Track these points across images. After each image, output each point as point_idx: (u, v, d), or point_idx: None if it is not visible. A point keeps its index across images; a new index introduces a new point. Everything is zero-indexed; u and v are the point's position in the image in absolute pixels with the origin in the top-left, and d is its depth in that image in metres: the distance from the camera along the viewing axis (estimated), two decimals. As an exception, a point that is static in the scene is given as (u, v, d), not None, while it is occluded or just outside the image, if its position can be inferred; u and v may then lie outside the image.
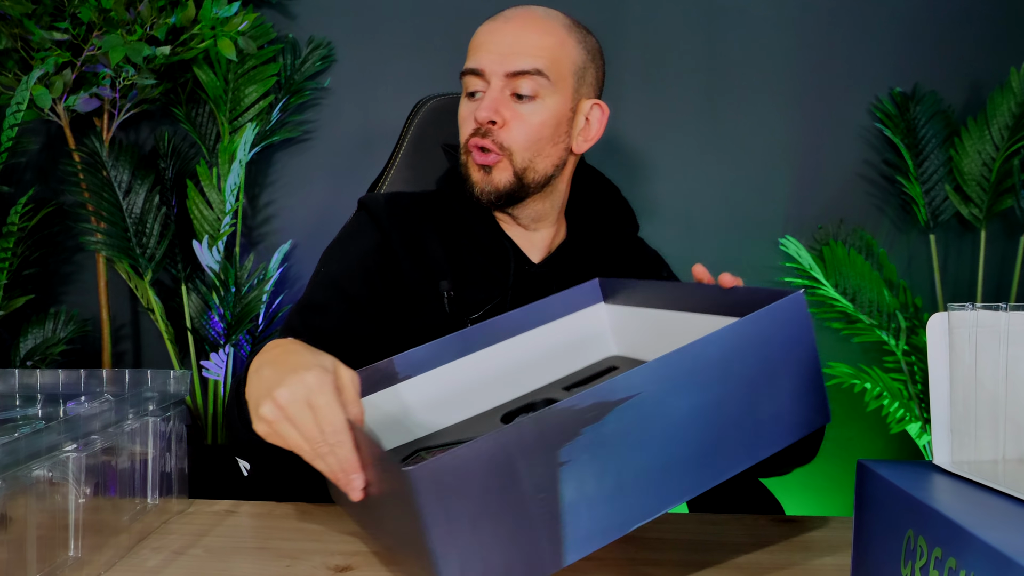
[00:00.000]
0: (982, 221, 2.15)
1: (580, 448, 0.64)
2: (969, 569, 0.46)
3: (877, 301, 2.12)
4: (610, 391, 0.65)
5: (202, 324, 2.17)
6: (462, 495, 0.61)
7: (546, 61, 1.08)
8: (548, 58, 1.08)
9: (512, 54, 1.07)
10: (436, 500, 0.60)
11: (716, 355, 0.69)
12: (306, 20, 2.27)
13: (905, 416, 2.10)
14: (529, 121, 1.08)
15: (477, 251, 1.13)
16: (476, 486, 0.61)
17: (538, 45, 1.08)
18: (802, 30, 2.23)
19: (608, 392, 0.65)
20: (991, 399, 0.61)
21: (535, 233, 1.16)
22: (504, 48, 1.07)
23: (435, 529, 0.60)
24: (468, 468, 0.61)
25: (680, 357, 0.68)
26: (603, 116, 1.16)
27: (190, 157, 2.28)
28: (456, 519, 0.61)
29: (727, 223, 2.26)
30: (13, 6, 1.93)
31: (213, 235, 2.12)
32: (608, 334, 1.05)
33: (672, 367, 0.67)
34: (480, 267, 1.13)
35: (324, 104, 2.28)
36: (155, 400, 0.91)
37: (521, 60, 1.07)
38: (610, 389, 0.65)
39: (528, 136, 1.08)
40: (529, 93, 1.07)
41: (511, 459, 0.62)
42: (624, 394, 0.66)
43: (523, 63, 1.06)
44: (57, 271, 2.32)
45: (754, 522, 0.94)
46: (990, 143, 2.12)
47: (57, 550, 0.73)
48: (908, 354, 2.14)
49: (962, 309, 0.62)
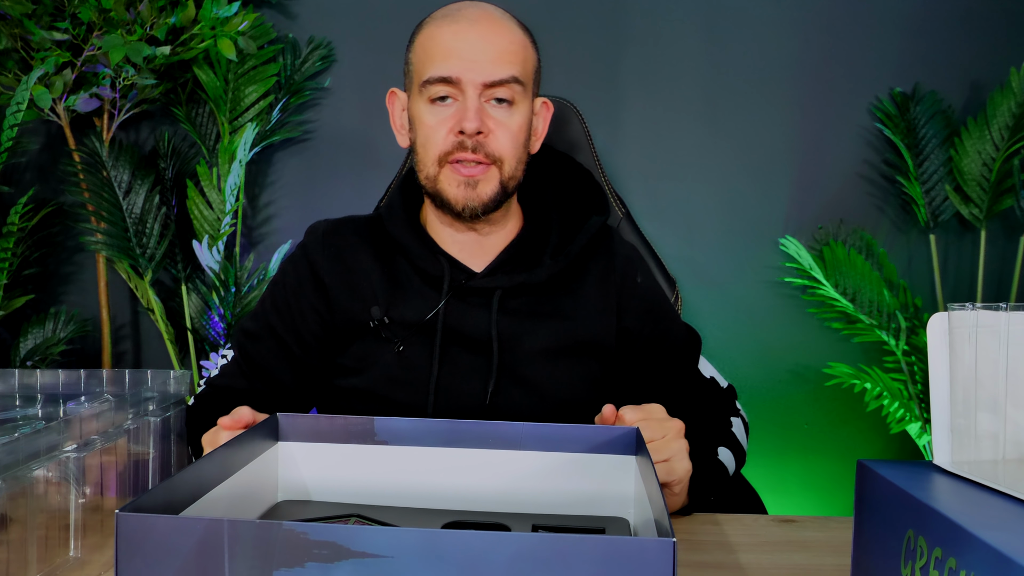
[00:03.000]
0: (982, 221, 2.15)
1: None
2: (969, 569, 0.46)
3: (877, 301, 2.12)
4: (350, 537, 0.53)
5: (202, 324, 2.17)
6: (157, 561, 0.54)
7: (519, 67, 1.06)
8: (520, 63, 1.06)
9: (489, 62, 1.04)
10: (132, 553, 0.55)
11: (508, 555, 0.53)
12: (306, 20, 2.27)
13: (905, 416, 2.10)
14: (511, 127, 1.06)
15: (414, 271, 1.11)
16: (177, 558, 0.54)
17: (510, 51, 1.06)
18: (802, 30, 2.23)
19: (348, 537, 0.53)
20: (991, 399, 0.61)
21: (487, 237, 1.13)
22: (479, 55, 1.04)
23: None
24: (176, 537, 0.54)
25: (461, 540, 0.53)
26: (548, 113, 1.15)
27: (190, 157, 2.28)
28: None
29: (727, 223, 2.26)
30: (13, 6, 1.93)
31: (213, 235, 2.12)
32: (630, 491, 0.86)
33: (444, 547, 0.53)
34: (416, 288, 1.10)
35: (324, 104, 2.28)
36: (155, 400, 0.91)
37: (500, 69, 1.04)
38: (352, 536, 0.53)
39: (513, 142, 1.06)
40: (508, 98, 1.05)
41: (221, 549, 0.54)
42: (367, 548, 0.53)
43: (502, 72, 1.04)
44: (57, 271, 2.32)
45: (754, 522, 0.94)
46: (990, 143, 2.12)
47: (57, 550, 0.73)
48: (908, 354, 2.14)
49: (962, 309, 0.61)
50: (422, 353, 1.08)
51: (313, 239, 1.16)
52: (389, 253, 1.13)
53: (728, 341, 2.26)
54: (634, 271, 1.16)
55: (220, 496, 0.71)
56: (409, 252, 1.11)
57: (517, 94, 1.06)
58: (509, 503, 0.85)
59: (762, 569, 0.79)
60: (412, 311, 1.09)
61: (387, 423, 0.85)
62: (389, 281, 1.11)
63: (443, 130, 1.05)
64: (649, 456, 0.72)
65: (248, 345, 1.14)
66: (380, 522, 0.80)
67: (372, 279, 1.11)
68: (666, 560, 0.52)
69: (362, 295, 1.10)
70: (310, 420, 0.86)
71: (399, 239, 1.11)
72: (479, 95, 1.04)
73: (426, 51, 1.07)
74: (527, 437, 0.84)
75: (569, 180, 1.22)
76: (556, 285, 1.12)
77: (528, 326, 1.10)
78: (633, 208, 1.47)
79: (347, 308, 1.10)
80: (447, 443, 0.85)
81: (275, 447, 0.85)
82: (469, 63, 1.03)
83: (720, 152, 2.26)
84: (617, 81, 2.25)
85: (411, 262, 1.11)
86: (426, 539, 0.53)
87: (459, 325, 1.08)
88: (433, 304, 1.09)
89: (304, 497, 0.86)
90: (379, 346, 1.09)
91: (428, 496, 0.85)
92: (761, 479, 1.75)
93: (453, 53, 1.04)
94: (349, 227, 1.16)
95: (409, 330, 1.08)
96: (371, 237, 1.14)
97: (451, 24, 1.06)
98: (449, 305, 1.09)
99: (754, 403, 2.26)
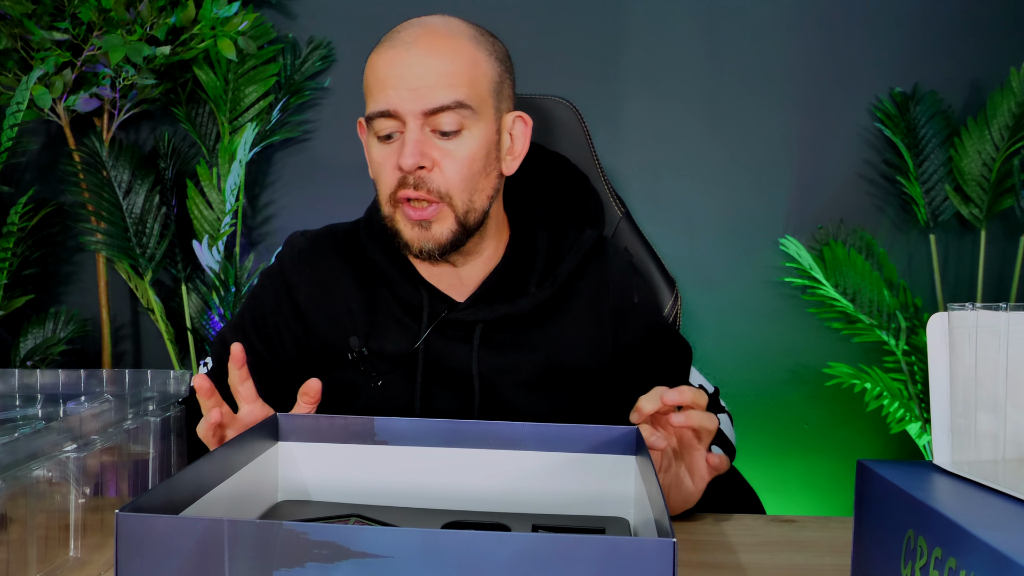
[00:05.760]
0: (982, 221, 2.15)
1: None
2: (969, 569, 0.46)
3: (877, 301, 2.12)
4: (350, 537, 0.53)
5: (202, 324, 2.17)
6: (157, 561, 0.54)
7: (464, 89, 0.95)
8: (465, 85, 0.95)
9: (425, 87, 0.94)
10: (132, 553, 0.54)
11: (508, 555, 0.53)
12: (306, 20, 2.27)
13: (905, 416, 2.10)
14: (459, 157, 0.96)
15: (393, 299, 1.05)
16: (177, 558, 0.54)
17: (451, 72, 0.95)
18: (802, 30, 2.23)
19: (348, 537, 0.53)
20: (991, 399, 0.61)
21: (463, 268, 1.05)
22: (415, 82, 0.94)
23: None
24: (176, 537, 0.54)
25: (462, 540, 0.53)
26: (527, 128, 1.04)
27: (190, 157, 2.28)
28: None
29: (727, 223, 2.26)
30: (13, 6, 1.93)
31: (213, 235, 2.12)
32: (630, 491, 0.87)
33: (445, 547, 0.53)
34: (396, 318, 1.05)
35: (324, 104, 2.28)
36: (155, 400, 0.91)
37: (438, 94, 0.94)
38: (352, 536, 0.53)
39: (462, 174, 0.96)
40: (453, 128, 0.95)
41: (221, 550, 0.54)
42: (367, 548, 0.53)
43: (441, 97, 0.94)
44: (57, 271, 2.32)
45: (754, 522, 0.94)
46: (990, 143, 2.12)
47: (57, 550, 0.73)
48: (908, 354, 2.14)
49: (962, 309, 0.61)
50: (403, 387, 1.04)
51: (291, 258, 1.10)
52: (368, 277, 1.07)
53: (728, 341, 2.26)
54: (631, 291, 1.10)
55: (220, 496, 0.71)
56: (388, 279, 1.05)
57: (467, 119, 0.96)
58: (509, 503, 0.85)
59: (762, 569, 0.79)
60: (391, 343, 1.04)
61: (387, 423, 0.85)
62: (368, 309, 1.06)
63: (388, 167, 0.97)
64: (649, 456, 0.72)
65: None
66: (380, 522, 0.79)
67: (351, 306, 1.06)
68: (666, 560, 0.52)
69: (340, 323, 1.05)
70: (310, 420, 0.86)
71: (378, 264, 1.06)
72: (421, 127, 0.95)
73: (367, 83, 0.98)
74: (527, 437, 0.84)
75: (560, 187, 1.15)
76: (542, 312, 1.06)
77: (511, 359, 1.05)
78: (633, 208, 1.47)
79: (325, 336, 1.06)
80: (447, 443, 0.84)
81: (275, 447, 0.85)
82: (405, 92, 0.94)
83: (720, 152, 2.26)
84: (617, 81, 2.25)
85: (390, 289, 1.06)
86: (426, 539, 0.53)
87: (440, 359, 1.04)
88: (412, 335, 1.04)
89: (304, 497, 0.86)
90: (358, 377, 1.05)
91: (428, 496, 0.85)
92: (761, 479, 1.75)
93: (388, 83, 0.95)
94: (328, 244, 1.10)
95: (389, 364, 1.04)
96: (350, 256, 1.09)
97: (388, 50, 0.96)
98: (430, 338, 1.04)
99: (754, 403, 2.26)
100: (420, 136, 0.95)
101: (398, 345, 1.04)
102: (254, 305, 1.11)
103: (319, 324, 1.07)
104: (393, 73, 0.95)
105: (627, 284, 1.10)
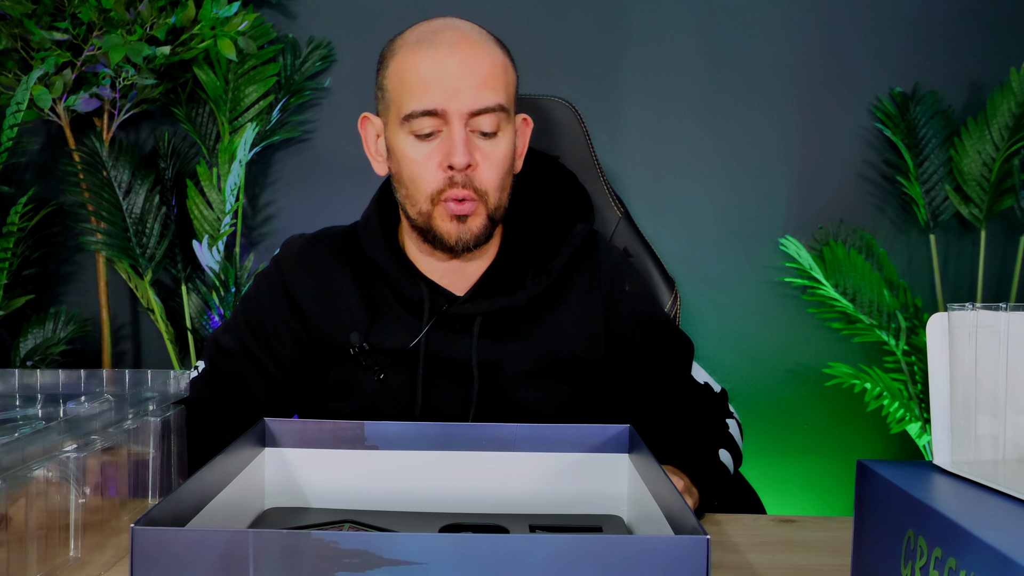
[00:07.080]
0: (982, 221, 2.15)
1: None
2: (969, 569, 0.46)
3: (877, 301, 2.12)
4: (383, 545, 0.53)
5: (202, 324, 2.17)
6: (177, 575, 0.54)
7: (502, 92, 1.01)
8: (502, 88, 1.01)
9: (473, 90, 0.98)
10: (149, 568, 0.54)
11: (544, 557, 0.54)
12: (306, 20, 2.27)
13: (905, 416, 2.10)
14: (496, 157, 1.01)
15: (393, 296, 1.08)
16: (198, 572, 0.54)
17: (492, 76, 1.00)
18: (802, 30, 2.23)
19: (380, 545, 0.53)
20: (991, 399, 0.61)
21: (468, 263, 1.08)
22: (460, 83, 0.98)
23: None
24: (197, 551, 0.54)
25: (495, 544, 0.54)
26: (528, 129, 1.10)
27: (190, 157, 2.28)
28: None
29: (727, 223, 2.26)
30: (13, 6, 1.93)
31: (213, 235, 2.12)
32: (623, 490, 0.87)
33: (479, 551, 0.53)
34: (395, 313, 1.07)
35: (324, 104, 2.28)
36: (155, 400, 0.91)
37: (485, 96, 0.98)
38: (384, 543, 0.53)
39: (498, 174, 1.02)
40: (492, 129, 1.00)
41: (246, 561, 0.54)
42: (399, 556, 0.53)
43: (487, 99, 0.98)
44: (57, 271, 2.32)
45: (754, 522, 0.94)
46: (990, 143, 2.12)
47: (57, 550, 0.73)
48: (908, 354, 2.14)
49: (962, 309, 0.61)
50: (404, 381, 1.06)
51: (288, 258, 1.11)
52: (367, 275, 1.09)
53: (728, 341, 2.26)
54: (621, 280, 1.13)
55: (219, 506, 0.71)
56: (387, 275, 1.07)
57: (503, 120, 1.01)
58: (504, 504, 0.85)
59: (762, 569, 0.79)
60: (392, 338, 1.06)
61: (377, 427, 0.85)
62: (368, 305, 1.07)
63: (431, 165, 1.00)
64: (651, 455, 0.72)
65: (221, 361, 1.11)
66: (375, 527, 0.79)
67: (350, 303, 1.07)
68: (700, 557, 0.53)
69: (340, 319, 1.07)
70: (298, 425, 0.85)
71: (377, 261, 1.08)
72: (464, 125, 0.99)
73: (404, 81, 1.01)
74: (520, 439, 0.85)
75: (551, 186, 1.18)
76: (539, 304, 1.09)
77: (511, 349, 1.07)
78: (633, 208, 1.47)
79: (325, 332, 1.08)
80: (438, 447, 0.85)
81: (262, 453, 0.85)
82: (452, 92, 0.97)
83: (720, 152, 2.26)
84: (617, 81, 2.24)
85: (390, 286, 1.08)
86: (460, 544, 0.53)
87: (440, 352, 1.06)
88: (413, 330, 1.06)
89: (293, 504, 0.86)
90: (360, 372, 1.07)
91: (421, 500, 0.85)
92: (761, 479, 1.75)
93: (434, 83, 0.98)
94: (326, 245, 1.12)
95: (390, 358, 1.06)
96: (348, 256, 1.11)
97: (429, 50, 1.00)
98: (430, 331, 1.06)
99: (754, 403, 2.26)
100: (467, 137, 0.99)
101: (398, 340, 1.06)
102: (249, 307, 1.12)
103: (319, 321, 1.08)
104: (439, 73, 0.98)
105: (618, 274, 1.13)
